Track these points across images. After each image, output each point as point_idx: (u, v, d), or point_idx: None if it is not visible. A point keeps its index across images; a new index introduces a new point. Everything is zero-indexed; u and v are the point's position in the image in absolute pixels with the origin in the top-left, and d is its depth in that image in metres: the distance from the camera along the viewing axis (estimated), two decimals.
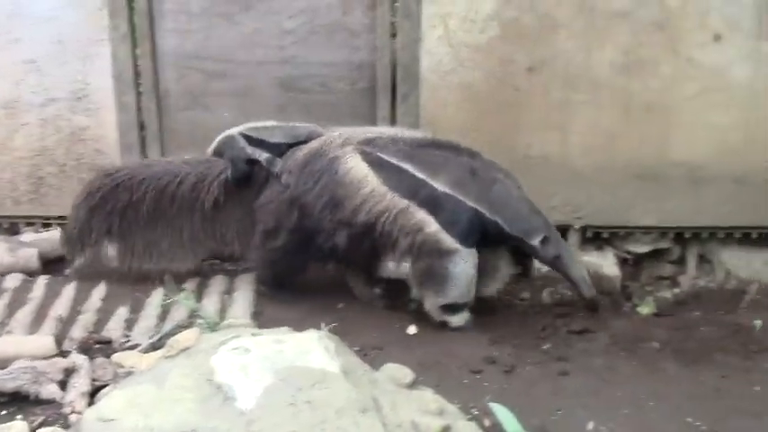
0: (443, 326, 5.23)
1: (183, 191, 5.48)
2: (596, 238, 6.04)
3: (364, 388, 3.69)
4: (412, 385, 4.14)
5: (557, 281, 5.73)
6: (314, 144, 5.26)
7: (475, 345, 5.11)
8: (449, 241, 5.01)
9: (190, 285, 5.62)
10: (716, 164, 5.77)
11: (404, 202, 5.01)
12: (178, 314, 5.20)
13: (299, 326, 4.26)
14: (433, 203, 4.99)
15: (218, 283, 5.60)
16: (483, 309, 5.45)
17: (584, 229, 5.99)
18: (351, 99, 5.90)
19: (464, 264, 5.06)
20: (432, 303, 5.19)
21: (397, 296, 5.59)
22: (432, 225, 5.00)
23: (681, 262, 6.17)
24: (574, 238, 5.99)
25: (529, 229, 5.10)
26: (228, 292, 5.55)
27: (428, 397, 4.00)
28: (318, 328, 4.23)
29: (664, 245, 6.11)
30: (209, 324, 4.85)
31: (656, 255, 6.17)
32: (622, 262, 6.07)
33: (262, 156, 5.40)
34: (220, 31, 5.80)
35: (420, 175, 5.01)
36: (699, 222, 5.94)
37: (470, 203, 5.02)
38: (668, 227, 6.00)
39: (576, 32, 5.61)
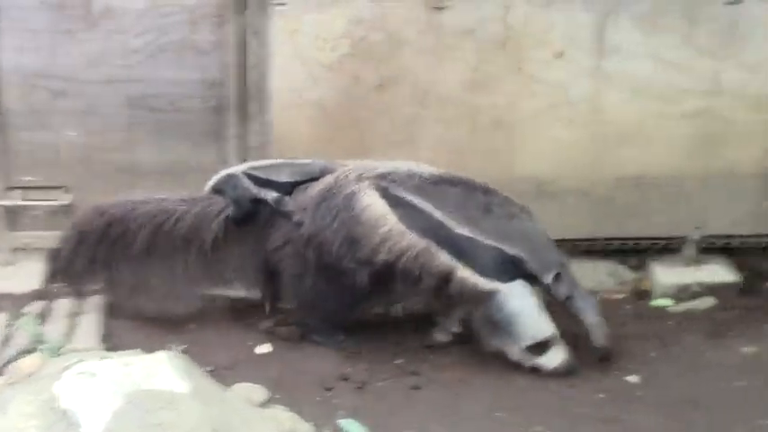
0: (534, 370, 5.13)
1: (179, 229, 5.34)
2: None
3: (215, 408, 3.71)
4: (265, 404, 4.18)
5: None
6: (328, 180, 5.17)
7: (328, 361, 5.18)
8: (482, 282, 4.95)
9: (34, 308, 5.49)
10: (559, 178, 6.00)
11: (423, 242, 4.94)
12: (21, 339, 5.09)
13: (149, 348, 4.24)
14: (453, 245, 4.95)
15: (64, 306, 5.50)
16: None
17: None
18: (201, 117, 5.91)
19: (515, 299, 4.98)
20: (515, 351, 5.11)
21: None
22: (461, 270, 4.95)
23: None
24: None
25: (542, 266, 5.04)
26: (75, 315, 5.45)
27: (281, 415, 4.05)
28: (169, 349, 4.22)
29: None
30: (52, 349, 4.76)
31: None
32: None
33: (269, 195, 5.31)
34: (65, 48, 5.73)
35: (437, 216, 4.97)
36: None
37: (488, 242, 4.97)
38: None
39: (424, 50, 5.76)
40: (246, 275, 5.48)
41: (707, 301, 5.91)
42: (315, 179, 5.26)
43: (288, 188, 5.30)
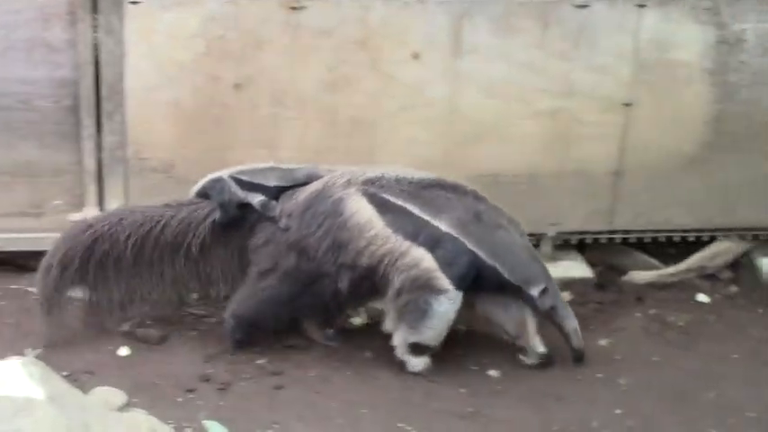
0: (401, 366, 5.31)
1: (166, 235, 5.34)
2: None
3: (73, 413, 3.68)
4: (124, 408, 4.16)
5: None
6: (316, 186, 5.23)
7: (189, 363, 5.19)
8: (442, 280, 5.04)
9: None
10: None
11: (406, 244, 5.03)
12: None
13: (2, 354, 4.18)
14: (433, 242, 5.03)
15: None
16: (198, 325, 5.54)
17: None
18: (55, 117, 5.83)
19: (449, 305, 5.09)
20: (402, 338, 5.22)
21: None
22: (428, 261, 5.02)
23: None
24: None
25: (528, 279, 5.16)
26: None
27: (140, 419, 4.04)
28: (23, 355, 4.16)
29: None
30: None
31: None
32: None
33: (255, 199, 5.31)
34: None
35: (424, 216, 5.05)
36: None
37: (470, 246, 5.05)
38: None
39: (282, 49, 5.80)
40: (231, 278, 5.50)
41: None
42: (301, 184, 5.32)
43: (275, 193, 5.33)
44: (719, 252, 6.62)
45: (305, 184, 5.33)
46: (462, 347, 5.59)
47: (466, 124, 6.10)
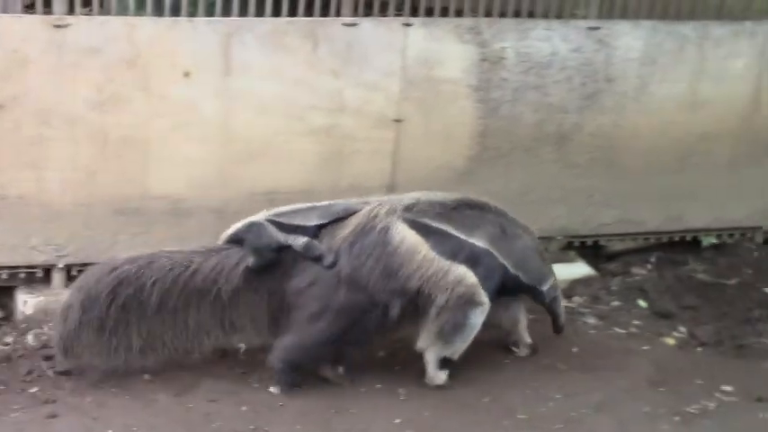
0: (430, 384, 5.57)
1: (195, 281, 5.31)
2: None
3: None
4: None
5: (41, 322, 5.76)
6: (359, 219, 5.35)
7: None
8: (481, 295, 5.33)
9: None
10: (195, 196, 6.16)
11: (448, 263, 5.27)
12: None
13: None
14: (472, 259, 5.31)
15: None
16: None
17: (68, 268, 6.04)
18: None
19: (482, 317, 5.40)
20: (436, 354, 5.50)
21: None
22: (471, 278, 5.30)
23: None
24: (57, 278, 6.02)
25: (540, 279, 5.59)
26: None
27: None
28: None
29: None
30: None
31: None
32: None
33: (297, 241, 5.32)
34: None
35: (461, 236, 5.31)
36: None
37: (501, 260, 5.38)
38: None
39: (48, 68, 5.70)
40: (258, 322, 5.49)
41: None
42: (339, 219, 5.37)
43: (314, 231, 5.36)
44: None
45: (342, 218, 5.40)
46: (243, 366, 5.62)
47: (240, 143, 6.16)
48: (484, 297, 5.38)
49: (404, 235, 5.29)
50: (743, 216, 7.37)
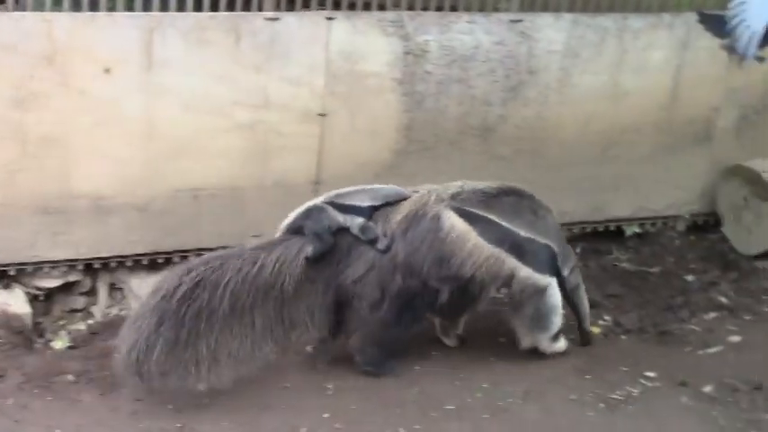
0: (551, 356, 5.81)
1: (261, 278, 5.28)
2: (3, 275, 6.06)
3: None
4: None
5: None
6: (411, 204, 5.49)
7: None
8: (540, 278, 5.53)
9: None
10: (118, 194, 6.10)
11: (496, 251, 5.42)
12: None
13: None
14: (518, 248, 5.46)
15: None
16: None
17: None
18: None
19: (557, 292, 5.63)
20: (545, 342, 5.77)
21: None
22: (523, 269, 5.49)
23: (93, 292, 6.40)
24: None
25: (565, 259, 5.69)
26: None
27: None
28: None
29: (74, 277, 6.28)
30: None
31: (68, 288, 6.34)
32: (33, 298, 6.14)
33: (354, 221, 5.40)
34: None
35: (504, 224, 5.45)
36: (107, 252, 6.23)
37: (542, 240, 5.54)
38: (77, 259, 6.21)
39: None
40: (315, 316, 5.51)
41: None
42: (390, 203, 5.48)
43: (368, 213, 5.44)
44: None
45: (393, 202, 5.51)
46: None
47: (164, 139, 6.11)
48: (545, 279, 5.59)
49: (453, 222, 5.42)
50: (665, 205, 7.51)
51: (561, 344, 5.84)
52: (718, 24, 4.99)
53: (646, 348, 6.10)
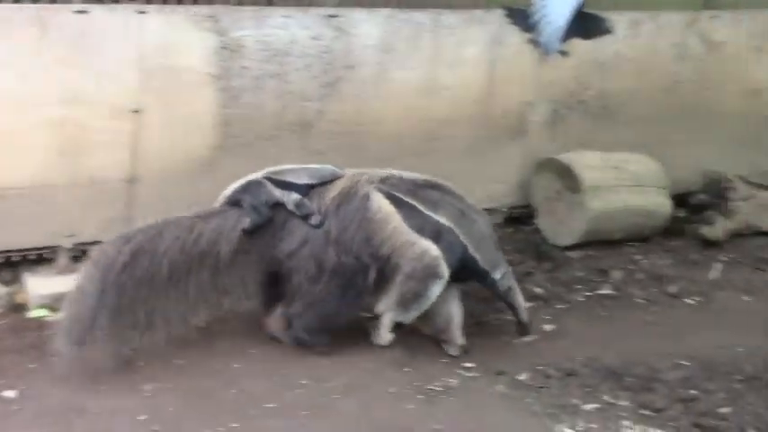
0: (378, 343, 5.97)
1: (198, 246, 5.53)
2: None
3: None
4: None
5: None
6: (343, 184, 5.76)
7: None
8: (443, 268, 5.71)
9: None
10: None
11: (415, 236, 5.68)
12: None
13: None
14: (436, 234, 5.71)
15: None
16: None
17: None
18: None
19: (438, 290, 5.80)
20: (391, 318, 5.91)
21: None
22: (435, 251, 5.71)
23: None
24: None
25: (495, 264, 5.89)
26: None
27: None
28: None
29: None
30: None
31: None
32: None
33: (290, 197, 5.61)
34: None
35: (427, 212, 5.72)
36: None
37: (462, 238, 5.73)
38: None
39: None
40: (248, 285, 5.76)
41: None
42: (326, 182, 5.72)
43: (305, 190, 5.69)
44: None
45: (329, 182, 5.76)
46: None
47: None
48: (445, 271, 5.75)
49: (380, 204, 5.69)
50: (484, 197, 7.65)
51: (388, 336, 6.01)
52: (523, 19, 5.17)
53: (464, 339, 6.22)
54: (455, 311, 6.06)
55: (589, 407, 5.64)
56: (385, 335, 5.96)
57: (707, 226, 8.16)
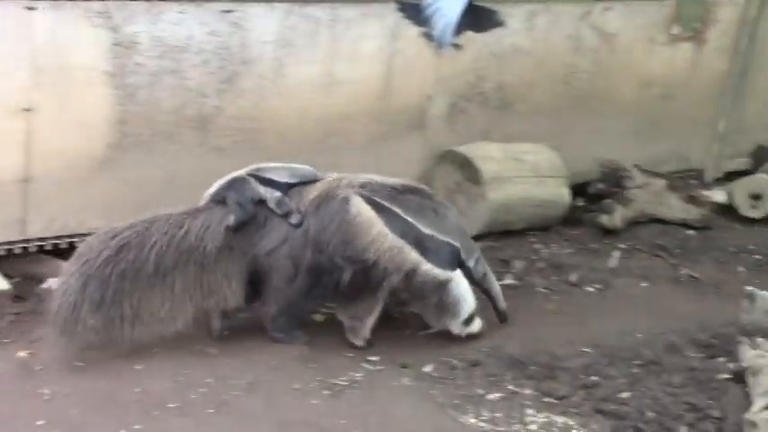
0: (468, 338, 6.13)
1: (185, 243, 5.62)
2: None
3: None
4: None
5: None
6: (323, 185, 5.87)
7: None
8: (441, 273, 5.86)
9: None
10: None
11: (400, 242, 5.74)
12: None
13: None
14: (419, 243, 5.80)
15: None
16: None
17: None
18: None
19: (462, 283, 5.99)
20: (456, 327, 6.11)
21: None
22: (425, 264, 5.82)
23: None
24: None
25: (468, 252, 6.04)
26: None
27: None
28: None
29: None
30: None
31: None
32: None
33: (273, 195, 5.71)
34: None
35: (408, 218, 5.81)
36: None
37: (442, 238, 5.87)
38: None
39: None
40: (232, 284, 5.81)
41: None
42: (306, 183, 5.83)
43: (285, 189, 5.78)
44: None
45: (310, 182, 5.87)
46: None
47: None
48: (445, 273, 5.95)
49: (360, 208, 5.75)
50: None
51: (475, 326, 6.20)
52: (416, 13, 5.22)
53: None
54: (377, 305, 6.08)
55: (493, 396, 5.72)
56: (470, 330, 6.20)
57: (605, 215, 8.31)
